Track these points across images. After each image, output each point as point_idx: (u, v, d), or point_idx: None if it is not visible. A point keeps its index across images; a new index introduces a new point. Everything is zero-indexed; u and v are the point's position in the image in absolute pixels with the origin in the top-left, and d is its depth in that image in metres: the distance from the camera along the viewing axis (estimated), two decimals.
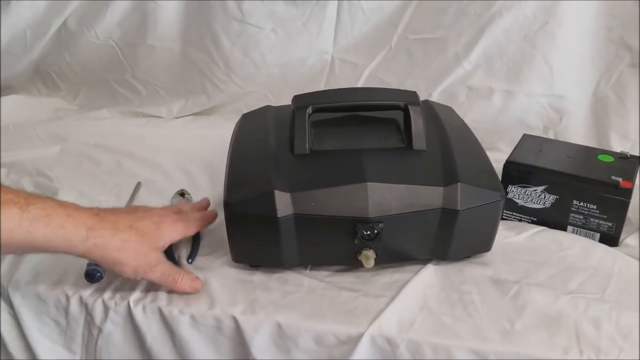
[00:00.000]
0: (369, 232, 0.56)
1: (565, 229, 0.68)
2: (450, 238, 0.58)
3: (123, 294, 0.58)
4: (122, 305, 0.57)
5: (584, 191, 0.65)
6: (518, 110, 0.91)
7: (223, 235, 0.60)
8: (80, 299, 0.58)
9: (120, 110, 1.05)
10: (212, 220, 0.64)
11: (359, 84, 0.98)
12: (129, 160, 0.84)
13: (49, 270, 0.61)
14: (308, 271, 0.61)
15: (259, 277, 0.60)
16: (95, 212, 0.52)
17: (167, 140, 0.91)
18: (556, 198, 0.67)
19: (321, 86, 0.99)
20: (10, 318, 0.60)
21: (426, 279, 0.59)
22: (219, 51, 1.01)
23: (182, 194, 0.74)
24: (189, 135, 0.95)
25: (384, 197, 0.55)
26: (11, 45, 1.08)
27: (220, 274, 0.60)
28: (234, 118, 0.74)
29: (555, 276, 0.60)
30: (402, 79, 0.96)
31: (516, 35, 0.90)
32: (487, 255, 0.63)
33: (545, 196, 0.67)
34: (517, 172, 0.68)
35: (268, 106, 0.75)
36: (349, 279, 0.60)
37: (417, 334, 0.53)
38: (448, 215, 0.56)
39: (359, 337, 0.54)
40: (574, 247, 0.64)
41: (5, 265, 0.61)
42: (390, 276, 0.60)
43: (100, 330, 0.59)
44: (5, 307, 0.60)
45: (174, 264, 0.61)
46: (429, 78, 0.94)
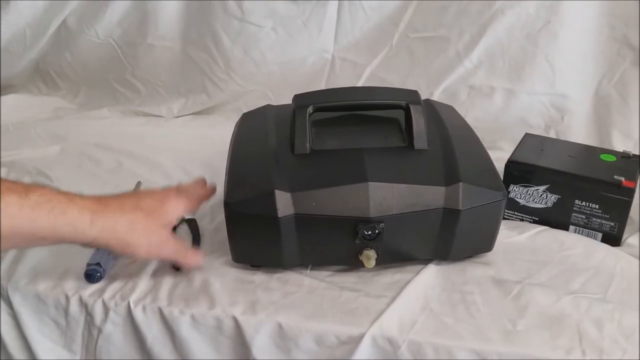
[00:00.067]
0: (370, 232, 0.56)
1: (567, 229, 0.68)
2: (452, 238, 0.58)
3: (123, 294, 0.58)
4: (122, 306, 0.57)
5: (586, 191, 0.65)
6: (520, 109, 0.91)
7: (223, 235, 0.59)
8: (80, 299, 0.58)
9: (121, 110, 1.04)
10: (212, 193, 0.64)
11: (360, 83, 0.97)
12: (129, 159, 0.84)
13: (48, 270, 0.61)
14: (309, 271, 0.61)
15: (259, 277, 0.60)
16: (98, 198, 0.51)
17: (168, 140, 0.91)
18: (558, 197, 0.67)
19: (322, 85, 0.99)
20: (10, 318, 0.60)
21: (427, 279, 0.59)
22: (219, 50, 1.01)
23: None
24: (189, 134, 0.94)
25: (385, 197, 0.55)
26: (11, 44, 1.08)
27: (221, 274, 0.60)
28: (234, 117, 0.74)
29: (558, 276, 0.60)
30: (403, 78, 0.96)
31: (518, 34, 0.89)
32: (489, 255, 0.62)
33: (547, 196, 0.67)
34: (519, 172, 0.68)
35: (268, 105, 0.75)
36: (350, 279, 0.60)
37: (419, 334, 0.53)
38: (450, 215, 0.56)
39: (360, 338, 0.53)
40: (576, 247, 0.64)
41: (5, 265, 0.61)
42: (391, 276, 0.60)
43: (100, 330, 0.58)
44: (5, 308, 0.60)
45: (174, 264, 0.61)
46: (430, 77, 0.94)
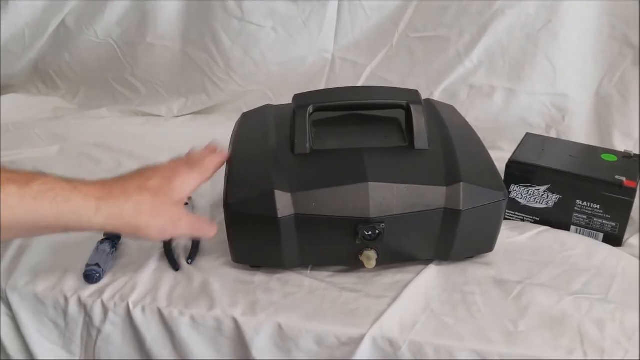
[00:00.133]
0: (370, 233, 0.55)
1: (568, 229, 0.67)
2: (453, 238, 0.57)
3: (122, 294, 0.58)
4: (122, 307, 0.57)
5: (587, 191, 0.65)
6: (520, 109, 0.91)
7: (223, 235, 0.59)
8: (79, 299, 0.58)
9: (120, 109, 1.04)
10: (225, 160, 0.61)
11: (360, 83, 0.97)
12: (128, 159, 0.84)
13: (47, 271, 0.60)
14: (309, 272, 0.60)
15: (259, 278, 0.60)
16: (102, 183, 0.49)
17: (167, 139, 0.90)
18: (559, 198, 0.66)
19: (322, 85, 0.99)
20: (9, 319, 0.60)
21: (428, 280, 0.59)
22: (219, 50, 1.01)
23: None
24: (189, 134, 0.94)
25: (385, 197, 0.55)
26: (10, 44, 1.07)
27: (221, 275, 0.60)
28: (234, 117, 0.73)
29: (559, 276, 0.60)
30: (404, 77, 0.95)
31: (518, 34, 0.89)
32: (490, 256, 0.62)
33: (548, 196, 0.67)
34: (520, 172, 0.67)
35: (268, 105, 0.74)
36: (350, 279, 0.60)
37: (419, 335, 0.53)
38: (450, 215, 0.55)
39: (360, 338, 0.53)
40: (577, 247, 0.64)
41: (4, 266, 0.61)
42: (392, 277, 0.59)
43: (99, 331, 0.58)
44: (4, 308, 0.59)
45: (173, 264, 0.61)
46: (431, 76, 0.94)
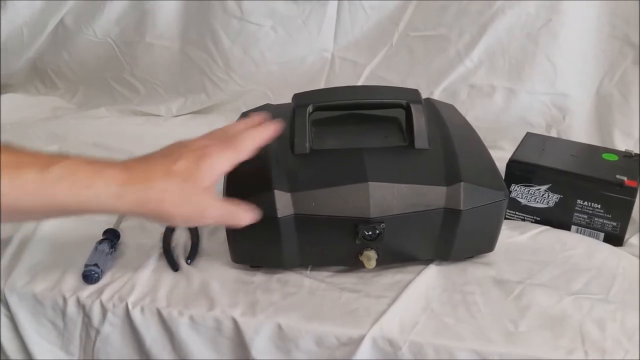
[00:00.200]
0: (370, 233, 0.55)
1: (569, 229, 0.67)
2: (453, 238, 0.57)
3: (121, 295, 0.57)
4: (121, 307, 0.57)
5: (588, 190, 0.65)
6: (520, 108, 0.90)
7: (222, 235, 0.59)
8: (78, 300, 0.58)
9: (119, 109, 1.04)
10: (274, 132, 0.53)
11: (360, 82, 0.97)
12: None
13: (46, 271, 0.60)
14: (309, 272, 0.60)
15: (259, 278, 0.59)
16: (126, 165, 0.46)
17: (167, 139, 0.88)
18: (560, 197, 0.66)
19: (321, 84, 0.99)
20: (7, 320, 0.59)
21: (428, 280, 0.59)
22: (218, 49, 1.01)
23: None
24: (188, 133, 0.92)
25: (385, 197, 0.54)
26: (8, 43, 1.07)
27: (220, 275, 0.60)
28: (234, 117, 0.73)
29: (559, 276, 0.59)
30: (404, 77, 0.95)
31: (518, 33, 0.89)
32: (490, 256, 0.62)
33: (548, 195, 0.67)
34: (520, 171, 0.67)
35: (268, 104, 0.74)
36: (350, 279, 0.59)
37: (419, 335, 0.53)
38: (451, 215, 0.55)
39: (360, 339, 0.53)
40: (578, 247, 0.64)
41: (2, 266, 0.61)
42: (392, 277, 0.59)
43: (98, 332, 0.58)
44: (2, 309, 0.59)
45: (172, 264, 0.61)
46: (431, 76, 0.94)
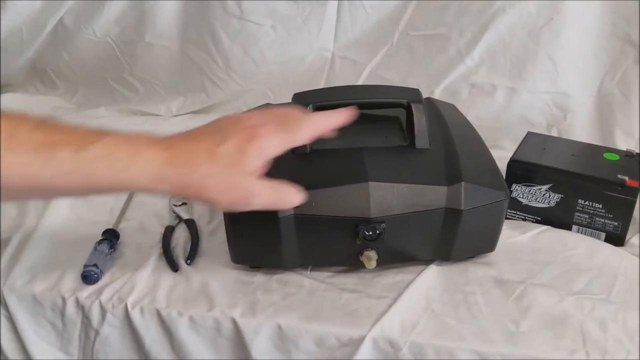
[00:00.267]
0: (370, 233, 0.55)
1: (570, 229, 0.67)
2: (454, 238, 0.57)
3: (120, 295, 0.57)
4: (120, 308, 0.57)
5: (589, 190, 0.64)
6: (521, 107, 0.90)
7: (222, 236, 0.59)
8: (77, 301, 0.57)
9: (119, 109, 1.04)
10: (343, 119, 0.49)
11: (360, 82, 0.97)
12: None
13: (45, 271, 0.60)
14: (309, 272, 0.60)
15: (259, 279, 0.59)
16: (169, 144, 0.43)
17: None
18: (561, 197, 0.66)
19: (321, 84, 0.98)
20: (6, 320, 0.59)
21: (429, 280, 0.58)
22: (218, 49, 1.00)
23: None
24: None
25: (386, 197, 0.54)
26: (8, 43, 1.07)
27: (220, 275, 0.59)
28: None
29: (560, 276, 0.59)
30: (404, 76, 0.95)
31: (520, 32, 0.89)
32: (491, 256, 0.62)
33: (549, 195, 0.66)
34: (521, 171, 0.67)
35: (268, 104, 0.74)
36: (350, 280, 0.59)
37: (420, 335, 0.53)
38: (451, 215, 0.55)
39: (360, 340, 0.53)
40: (579, 247, 0.63)
41: (1, 266, 0.60)
42: (392, 277, 0.59)
43: (97, 332, 0.58)
44: (1, 309, 0.59)
45: (172, 264, 0.61)
46: (431, 75, 0.94)
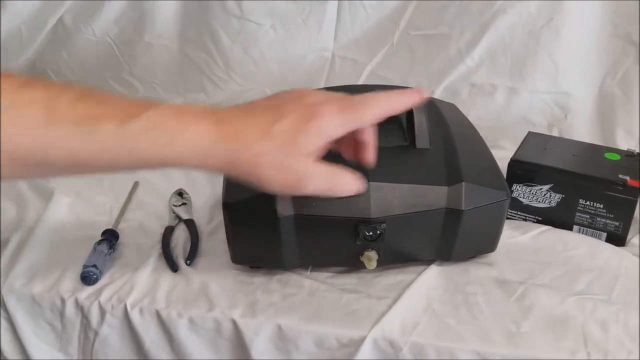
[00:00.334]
0: (371, 233, 0.55)
1: (571, 229, 0.67)
2: (454, 238, 0.57)
3: (120, 296, 0.57)
4: (119, 308, 0.56)
5: (590, 190, 0.64)
6: (522, 107, 0.90)
7: (222, 236, 0.58)
8: (76, 301, 0.57)
9: None
10: (414, 101, 0.46)
11: (360, 82, 0.96)
12: None
13: (44, 272, 0.60)
14: (309, 272, 0.60)
15: (259, 279, 0.59)
16: (220, 118, 0.41)
17: None
18: (562, 197, 0.66)
19: (321, 84, 0.98)
20: (5, 321, 0.59)
21: (430, 280, 0.58)
22: (218, 48, 1.00)
23: (180, 193, 0.73)
24: None
25: (386, 197, 0.54)
26: (7, 42, 1.07)
27: (220, 276, 0.59)
28: None
29: (561, 277, 0.59)
30: (404, 76, 0.95)
31: (520, 32, 0.88)
32: (492, 256, 0.61)
33: (550, 195, 0.66)
34: (522, 171, 0.67)
35: None
36: (350, 280, 0.59)
37: (421, 336, 0.52)
38: (452, 215, 0.55)
39: (361, 340, 0.53)
40: (580, 247, 0.63)
41: (0, 267, 0.60)
42: (393, 277, 0.59)
43: (96, 333, 0.57)
44: (0, 310, 0.59)
45: (172, 265, 0.60)
46: (432, 75, 0.93)
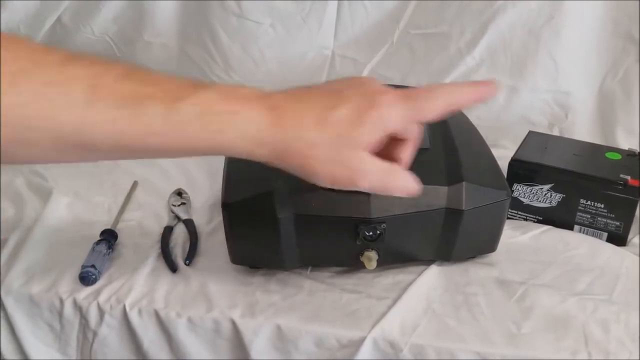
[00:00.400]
0: (371, 233, 0.54)
1: (571, 228, 0.66)
2: (455, 238, 0.56)
3: (119, 296, 0.57)
4: (118, 309, 0.56)
5: (591, 190, 0.64)
6: (522, 106, 0.89)
7: (221, 236, 0.58)
8: (75, 302, 0.57)
9: None
10: (484, 94, 0.43)
11: None
12: None
13: (42, 272, 0.59)
14: (309, 273, 0.60)
15: (258, 279, 0.59)
16: (273, 103, 0.38)
17: None
18: (562, 197, 0.66)
19: None
20: (4, 322, 0.59)
21: (430, 281, 0.58)
22: (217, 47, 1.00)
23: (180, 193, 0.72)
24: None
25: (386, 197, 0.53)
26: None
27: (219, 276, 0.59)
28: None
29: (562, 277, 0.59)
30: (404, 75, 0.94)
31: (520, 31, 0.88)
32: (492, 256, 0.61)
33: (551, 195, 0.66)
34: (523, 170, 0.66)
35: None
36: (350, 280, 0.59)
37: (421, 337, 0.52)
38: (452, 215, 0.55)
39: (361, 341, 0.52)
40: (581, 247, 0.63)
41: None
42: (393, 278, 0.59)
43: (95, 334, 0.57)
44: None
45: (171, 265, 0.60)
46: (432, 74, 0.93)
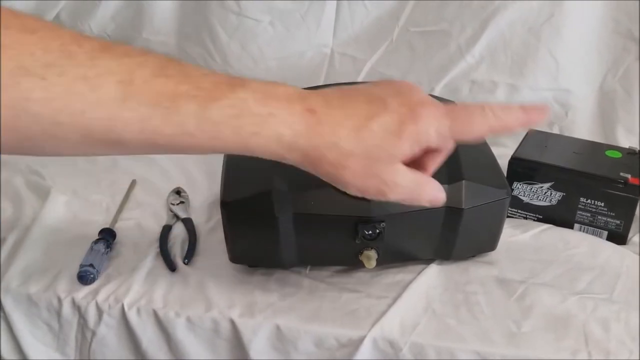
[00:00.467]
0: (370, 232, 0.54)
1: (572, 227, 0.66)
2: (455, 237, 0.56)
3: (117, 296, 0.56)
4: (116, 308, 0.56)
5: (591, 188, 0.64)
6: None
7: (220, 235, 0.58)
8: (73, 301, 0.57)
9: None
10: (531, 119, 0.40)
11: (360, 79, 0.96)
12: (124, 157, 0.82)
13: (40, 271, 0.59)
14: (308, 272, 0.59)
15: (257, 278, 0.59)
16: (310, 107, 0.38)
17: None
18: (562, 195, 0.65)
19: (320, 81, 0.98)
20: (2, 321, 0.58)
21: (430, 280, 0.58)
22: (215, 45, 0.99)
23: (178, 192, 0.72)
24: None
25: None
26: None
27: (218, 275, 0.59)
28: None
29: (562, 276, 0.59)
30: (404, 73, 0.94)
31: (520, 28, 0.88)
32: (492, 255, 0.61)
33: (551, 193, 0.66)
34: (523, 169, 0.66)
35: None
36: (350, 279, 0.58)
37: (421, 336, 0.52)
38: (452, 214, 0.54)
39: (360, 340, 0.52)
40: (581, 246, 0.63)
41: None
42: (392, 277, 0.58)
43: (94, 333, 0.57)
44: None
45: (169, 264, 0.60)
46: (432, 72, 0.93)
